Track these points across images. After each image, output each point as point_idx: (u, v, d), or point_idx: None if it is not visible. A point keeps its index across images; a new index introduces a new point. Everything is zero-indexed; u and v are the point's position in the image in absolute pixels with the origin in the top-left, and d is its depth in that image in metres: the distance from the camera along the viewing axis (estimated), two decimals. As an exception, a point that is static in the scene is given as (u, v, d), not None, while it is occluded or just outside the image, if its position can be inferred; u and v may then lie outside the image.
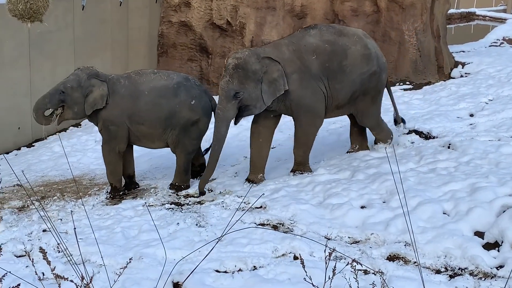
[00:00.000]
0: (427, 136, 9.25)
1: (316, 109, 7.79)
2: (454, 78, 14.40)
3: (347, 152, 8.71)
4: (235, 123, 7.74)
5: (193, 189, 8.12)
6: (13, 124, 12.16)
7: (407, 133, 9.36)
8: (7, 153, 11.81)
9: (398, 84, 14.27)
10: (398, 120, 8.94)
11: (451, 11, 20.66)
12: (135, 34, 15.56)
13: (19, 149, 12.15)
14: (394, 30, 14.57)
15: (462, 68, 14.94)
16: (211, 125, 7.96)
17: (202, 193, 7.85)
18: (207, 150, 8.71)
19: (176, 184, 8.08)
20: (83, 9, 13.62)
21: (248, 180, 8.07)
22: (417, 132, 9.40)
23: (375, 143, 8.71)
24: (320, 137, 8.88)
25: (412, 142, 9.01)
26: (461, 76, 14.47)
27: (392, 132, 8.74)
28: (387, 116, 9.02)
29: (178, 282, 5.30)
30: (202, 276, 5.29)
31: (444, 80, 14.24)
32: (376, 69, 8.00)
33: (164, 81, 7.89)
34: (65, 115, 7.88)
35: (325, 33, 7.85)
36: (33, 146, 12.34)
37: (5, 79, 11.82)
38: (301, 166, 8.05)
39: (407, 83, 14.30)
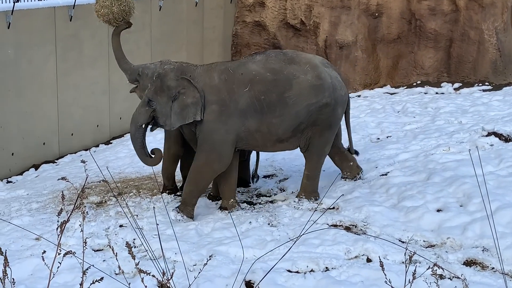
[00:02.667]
0: (507, 139, 8.96)
1: (221, 151, 7.03)
2: (536, 78, 13.91)
3: (342, 178, 7.97)
4: (151, 130, 7.42)
5: (266, 188, 8.14)
6: (92, 122, 12.53)
7: (486, 135, 9.10)
8: (86, 150, 12.18)
9: (476, 84, 13.90)
10: (351, 152, 8.02)
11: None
12: (210, 34, 15.76)
13: (97, 146, 12.51)
14: (473, 30, 14.20)
15: (545, 68, 14.41)
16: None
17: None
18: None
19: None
20: (160, 10, 13.89)
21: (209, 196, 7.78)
22: (496, 134, 9.12)
23: (298, 195, 7.51)
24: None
25: (492, 145, 8.75)
26: (544, 76, 13.96)
27: (318, 195, 7.52)
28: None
29: (250, 280, 5.32)
30: (274, 276, 5.29)
31: (526, 81, 13.77)
32: (328, 101, 7.11)
33: None
34: (137, 91, 8.13)
35: (272, 60, 7.10)
36: (111, 143, 12.68)
37: (84, 78, 12.20)
38: (182, 205, 7.28)
39: (486, 83, 13.91)
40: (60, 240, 2.02)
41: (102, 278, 2.10)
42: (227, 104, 6.95)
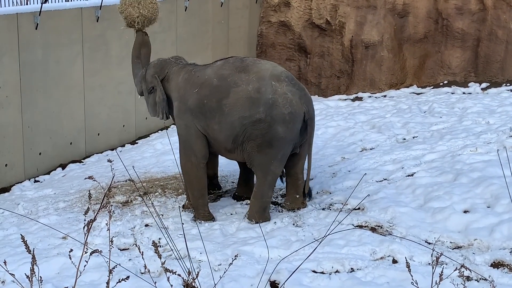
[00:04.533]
0: (535, 139, 8.82)
1: (190, 145, 7.11)
2: None
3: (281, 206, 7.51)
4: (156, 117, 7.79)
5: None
6: (118, 122, 12.62)
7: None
8: (112, 149, 12.27)
9: (504, 84, 13.74)
10: (305, 190, 7.34)
11: None
12: (235, 34, 15.78)
13: (123, 146, 12.59)
14: (501, 29, 14.03)
15: None
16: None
17: None
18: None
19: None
20: (185, 10, 13.95)
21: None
22: (524, 135, 8.99)
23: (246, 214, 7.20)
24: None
25: (519, 145, 8.63)
26: None
27: (269, 217, 7.04)
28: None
29: (275, 281, 5.32)
30: (299, 276, 5.29)
31: (555, 81, 13.57)
32: (262, 117, 6.71)
33: None
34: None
35: (227, 66, 7.00)
36: (137, 143, 12.76)
37: (111, 78, 12.29)
38: (194, 211, 7.28)
39: (515, 83, 13.74)
40: (86, 238, 2.04)
41: (128, 277, 2.12)
42: (182, 101, 7.20)
